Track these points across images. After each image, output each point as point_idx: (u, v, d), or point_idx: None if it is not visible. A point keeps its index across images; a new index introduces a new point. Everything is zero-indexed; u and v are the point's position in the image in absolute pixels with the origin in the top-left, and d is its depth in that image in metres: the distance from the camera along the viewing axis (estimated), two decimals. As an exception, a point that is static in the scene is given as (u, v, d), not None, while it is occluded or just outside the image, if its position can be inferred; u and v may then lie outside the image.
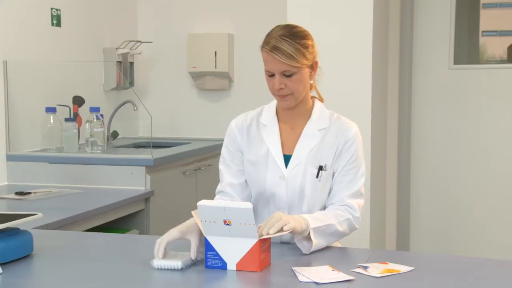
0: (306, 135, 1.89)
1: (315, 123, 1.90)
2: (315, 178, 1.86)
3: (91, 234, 2.09)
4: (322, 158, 1.87)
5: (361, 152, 1.90)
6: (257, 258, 1.56)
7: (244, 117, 1.97)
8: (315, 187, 1.86)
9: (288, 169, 1.87)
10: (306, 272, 1.54)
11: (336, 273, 1.54)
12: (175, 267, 1.57)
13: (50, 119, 3.14)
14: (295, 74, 1.81)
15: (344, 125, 1.90)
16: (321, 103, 1.96)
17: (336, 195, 1.86)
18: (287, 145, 1.90)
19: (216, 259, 1.59)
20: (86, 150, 3.13)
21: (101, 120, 3.15)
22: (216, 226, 1.57)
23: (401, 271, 1.57)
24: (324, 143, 1.88)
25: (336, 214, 1.81)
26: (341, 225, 1.81)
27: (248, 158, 1.92)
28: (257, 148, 1.91)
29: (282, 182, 1.86)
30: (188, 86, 4.13)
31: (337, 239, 1.84)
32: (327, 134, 1.89)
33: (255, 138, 1.92)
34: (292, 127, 1.92)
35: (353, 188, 1.86)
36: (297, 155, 1.88)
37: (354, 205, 1.85)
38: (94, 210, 2.50)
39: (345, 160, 1.87)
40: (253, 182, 1.90)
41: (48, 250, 1.77)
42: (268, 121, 1.93)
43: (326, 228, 1.76)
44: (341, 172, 1.87)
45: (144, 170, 2.95)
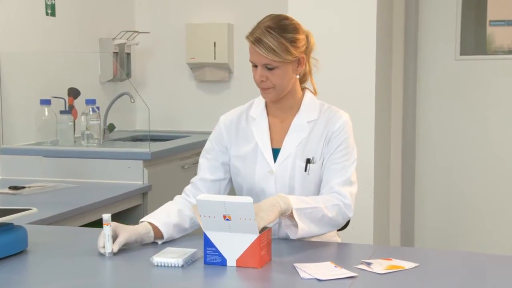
0: (294, 127, 1.89)
1: (304, 115, 1.90)
2: (303, 172, 1.86)
3: (87, 230, 2.09)
4: (310, 151, 1.87)
5: (351, 141, 1.89)
6: (257, 254, 1.56)
7: (233, 113, 1.97)
8: (304, 181, 1.86)
9: (276, 163, 1.87)
10: (307, 268, 1.55)
11: (339, 270, 1.54)
12: (176, 265, 1.57)
13: (45, 112, 3.14)
14: (277, 68, 1.81)
15: (333, 114, 1.90)
16: (311, 94, 1.95)
17: (326, 184, 1.86)
18: (276, 138, 1.90)
19: (216, 255, 1.59)
20: (82, 144, 3.13)
21: (97, 112, 3.15)
22: (216, 221, 1.57)
23: (406, 268, 1.57)
24: (313, 135, 1.88)
25: (324, 199, 1.81)
26: (329, 210, 1.80)
27: (236, 153, 1.92)
28: (246, 143, 1.92)
29: (271, 177, 1.87)
30: (187, 77, 4.12)
31: (330, 228, 1.83)
32: (316, 125, 1.89)
33: (244, 132, 1.93)
34: (281, 120, 1.92)
35: (343, 175, 1.85)
36: (285, 149, 1.88)
37: (344, 192, 1.84)
38: (90, 205, 2.50)
39: (333, 148, 1.86)
40: (242, 178, 1.90)
41: (43, 245, 1.78)
42: (257, 115, 1.93)
43: (312, 212, 1.76)
44: (329, 160, 1.86)
45: (142, 164, 2.96)
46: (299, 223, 1.72)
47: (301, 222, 1.73)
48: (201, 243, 1.62)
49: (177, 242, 1.78)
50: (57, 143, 3.14)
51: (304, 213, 1.74)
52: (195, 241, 1.78)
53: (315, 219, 1.77)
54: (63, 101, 3.27)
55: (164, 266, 1.58)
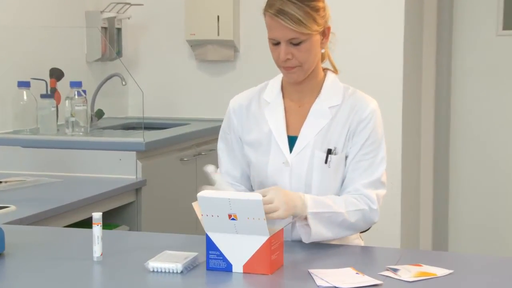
0: (314, 113, 1.90)
1: (325, 100, 1.90)
2: (323, 164, 1.86)
3: (72, 231, 2.11)
4: (332, 140, 1.87)
5: (380, 133, 1.90)
6: (267, 259, 1.57)
7: (243, 96, 1.98)
8: (323, 175, 1.86)
9: (292, 153, 1.88)
10: (325, 275, 1.55)
11: (361, 277, 1.55)
12: (174, 270, 1.58)
13: (23, 96, 3.15)
14: (304, 42, 1.81)
15: (359, 101, 1.90)
16: (335, 75, 1.96)
17: (351, 184, 1.87)
18: (292, 125, 1.91)
19: (220, 260, 1.60)
20: (66, 132, 3.15)
21: (83, 96, 3.16)
22: (220, 221, 1.58)
23: (438, 275, 1.58)
24: (335, 123, 1.89)
25: (347, 202, 1.82)
26: (352, 215, 1.81)
27: (247, 141, 1.93)
28: (258, 129, 1.92)
29: (286, 169, 1.87)
30: (186, 56, 4.12)
31: (349, 232, 1.84)
32: (339, 112, 1.90)
33: (256, 117, 1.94)
34: (299, 104, 1.93)
35: (371, 176, 1.86)
36: (303, 137, 1.88)
37: (371, 196, 1.85)
38: (76, 203, 2.51)
39: (360, 143, 1.87)
40: (254, 169, 1.91)
41: (22, 249, 1.79)
42: (271, 98, 1.94)
43: (331, 216, 1.77)
44: (355, 157, 1.87)
45: (135, 155, 2.97)
46: (312, 227, 1.73)
47: (315, 226, 1.74)
48: (203, 246, 1.62)
49: (175, 244, 1.79)
50: (38, 132, 3.15)
51: (321, 217, 1.75)
52: (196, 244, 1.79)
53: (333, 223, 1.78)
54: (44, 84, 3.28)
55: (160, 272, 1.59)
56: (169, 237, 2.00)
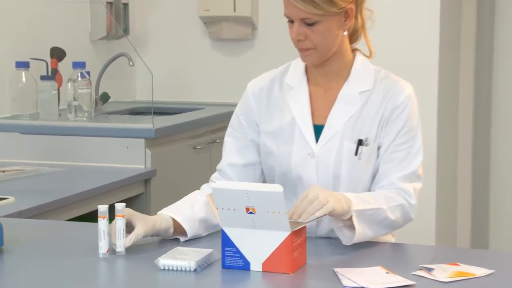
0: (343, 99, 1.89)
1: (355, 84, 1.90)
2: (353, 156, 1.86)
3: (76, 225, 2.12)
4: (363, 129, 1.87)
5: (416, 121, 1.89)
6: (289, 257, 1.58)
7: (263, 78, 1.98)
8: (353, 168, 1.86)
9: (319, 143, 1.88)
10: (352, 274, 1.56)
11: (391, 277, 1.55)
12: (187, 269, 1.59)
13: (22, 77, 3.17)
14: (318, 23, 1.81)
15: (393, 86, 1.89)
16: (364, 57, 1.95)
17: (384, 178, 1.86)
18: (318, 112, 1.91)
19: (237, 257, 1.60)
20: (69, 117, 3.16)
21: (87, 78, 3.17)
22: (236, 215, 1.59)
23: (477, 275, 1.57)
24: (367, 110, 1.88)
25: (387, 197, 1.82)
26: (392, 211, 1.81)
27: (267, 130, 1.93)
28: (280, 117, 1.92)
29: (311, 161, 1.87)
30: (199, 35, 4.13)
31: (388, 230, 1.85)
32: (370, 97, 1.89)
33: (278, 103, 1.93)
34: (325, 89, 1.92)
35: (407, 168, 1.86)
36: (330, 126, 1.88)
37: (409, 190, 1.85)
38: (80, 194, 2.53)
39: (394, 132, 1.87)
40: (275, 161, 1.91)
41: (22, 244, 1.80)
42: (294, 82, 1.93)
43: (373, 213, 1.77)
44: (389, 148, 1.87)
45: (144, 143, 2.98)
46: (357, 228, 1.73)
47: (359, 226, 1.73)
48: (218, 242, 1.63)
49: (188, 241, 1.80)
50: (38, 117, 3.17)
51: (364, 215, 1.75)
52: (211, 240, 1.80)
53: (375, 221, 1.78)
54: (44, 64, 3.29)
55: (172, 270, 1.60)
56: (181, 232, 2.01)
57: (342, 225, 1.75)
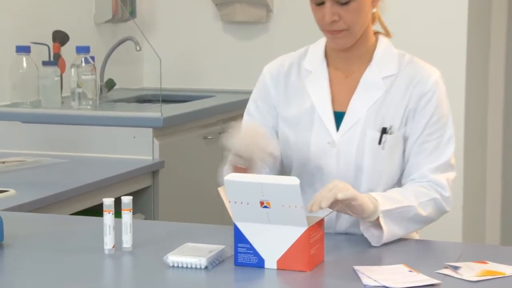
0: (365, 85, 1.89)
1: (378, 69, 1.90)
2: (376, 145, 1.86)
3: (80, 219, 2.13)
4: (387, 117, 1.87)
5: (446, 108, 1.89)
6: (305, 253, 1.58)
7: (281, 62, 1.97)
8: (377, 157, 1.86)
9: (340, 132, 1.88)
10: (372, 273, 1.56)
11: (415, 275, 1.55)
12: (197, 266, 1.60)
13: (22, 63, 3.18)
14: (352, 1, 1.81)
15: (419, 71, 1.89)
16: (388, 40, 1.95)
17: (415, 170, 1.87)
18: (339, 98, 1.91)
19: (250, 254, 1.61)
20: (72, 105, 3.17)
21: (91, 64, 3.18)
22: (250, 209, 1.59)
23: (507, 274, 1.57)
24: (391, 97, 1.88)
25: (417, 193, 1.82)
26: (424, 207, 1.81)
27: (285, 116, 1.93)
28: (298, 103, 1.92)
29: (332, 150, 1.88)
30: (211, 17, 4.12)
31: (421, 226, 1.85)
32: (394, 83, 1.89)
33: (296, 89, 1.93)
34: (346, 74, 1.92)
35: (439, 159, 1.86)
36: (352, 112, 1.88)
37: (442, 181, 1.85)
38: (84, 187, 2.54)
39: (423, 122, 1.87)
40: (292, 150, 1.91)
41: (23, 239, 1.82)
42: (313, 66, 1.93)
43: (402, 211, 1.77)
44: (419, 138, 1.87)
45: (151, 133, 2.98)
46: (385, 228, 1.73)
47: (387, 226, 1.74)
48: (231, 237, 1.63)
49: (198, 236, 1.81)
50: (39, 105, 3.18)
51: (392, 214, 1.75)
52: (222, 235, 1.80)
53: (404, 219, 1.78)
54: (46, 49, 3.30)
55: (182, 268, 1.60)
56: (191, 227, 2.02)
57: (370, 225, 1.75)
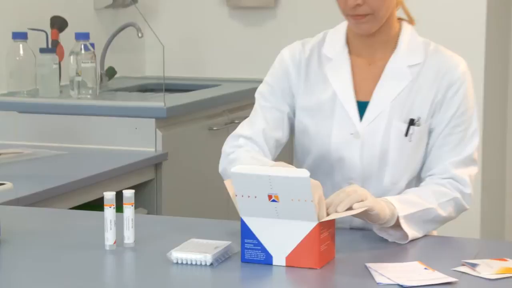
0: (390, 73, 1.89)
1: (403, 57, 1.90)
2: (403, 137, 1.86)
3: (80, 214, 2.14)
4: (414, 108, 1.87)
5: (472, 100, 1.89)
6: (315, 250, 1.58)
7: (301, 47, 1.96)
8: (403, 150, 1.86)
9: (363, 122, 1.88)
10: (385, 270, 1.56)
11: (430, 273, 1.55)
12: (202, 262, 1.60)
13: (19, 50, 3.18)
14: None
15: (447, 60, 1.89)
16: (412, 27, 1.95)
17: (437, 164, 1.87)
18: (362, 88, 1.91)
19: (257, 250, 1.61)
20: (71, 95, 3.18)
21: (91, 51, 3.18)
22: (258, 202, 1.59)
23: (526, 272, 1.57)
24: (418, 87, 1.88)
25: (436, 193, 1.82)
26: (444, 208, 1.81)
27: (304, 105, 1.93)
28: (318, 92, 1.92)
29: (355, 141, 1.88)
30: (216, 2, 4.12)
31: (439, 225, 1.85)
32: (421, 72, 1.89)
33: (316, 77, 1.93)
34: (369, 61, 1.92)
35: (462, 152, 1.86)
36: (377, 103, 1.88)
37: (463, 177, 1.85)
38: (84, 180, 2.55)
39: (449, 114, 1.87)
40: (312, 141, 1.91)
41: (20, 234, 1.82)
42: (334, 53, 1.93)
43: (422, 215, 1.77)
44: (444, 131, 1.87)
45: (154, 123, 2.99)
46: (408, 231, 1.73)
47: (409, 230, 1.74)
48: (238, 233, 1.64)
49: (203, 231, 1.81)
50: (37, 94, 3.19)
51: (412, 218, 1.75)
52: (228, 231, 1.80)
53: (424, 221, 1.78)
54: (44, 35, 3.31)
55: (186, 264, 1.60)
56: (195, 222, 2.02)
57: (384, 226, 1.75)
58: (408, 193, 1.83)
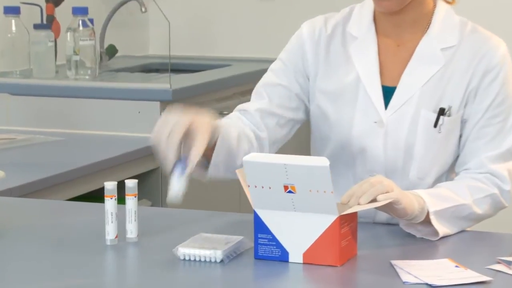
0: (421, 56, 1.88)
1: (436, 38, 1.89)
2: (432, 128, 1.86)
3: (78, 205, 2.15)
4: (445, 96, 1.86)
5: (511, 87, 1.88)
6: (336, 246, 1.58)
7: (323, 23, 1.96)
8: (431, 142, 1.86)
9: (389, 110, 1.88)
10: (413, 268, 1.56)
11: (462, 271, 1.55)
12: (212, 259, 1.60)
13: (11, 26, 3.18)
14: None
15: (484, 42, 1.88)
16: (448, 5, 1.94)
17: (472, 157, 1.86)
18: (389, 71, 1.90)
19: (272, 246, 1.61)
20: (68, 75, 3.18)
21: (90, 28, 3.19)
22: (272, 194, 1.59)
23: None
24: (450, 72, 1.87)
25: (472, 188, 1.82)
26: (479, 205, 1.81)
27: (323, 88, 1.93)
28: (340, 74, 1.92)
29: (379, 131, 1.87)
30: (227, -27, 4.12)
31: (473, 224, 1.85)
32: (455, 56, 1.88)
33: (338, 57, 1.93)
34: (398, 42, 1.92)
35: (501, 146, 1.85)
36: (404, 88, 1.87)
37: (502, 173, 1.84)
38: (82, 169, 2.55)
39: (486, 103, 1.86)
40: (332, 129, 1.91)
41: (13, 227, 1.83)
42: (360, 32, 1.93)
43: (454, 211, 1.77)
44: (479, 122, 1.86)
45: (158, 107, 2.99)
46: (440, 229, 1.73)
47: (441, 226, 1.74)
48: (250, 227, 1.64)
49: (213, 225, 1.81)
50: (31, 74, 3.20)
51: (444, 214, 1.75)
52: (240, 224, 1.81)
53: (457, 219, 1.78)
54: (38, 10, 3.31)
55: (194, 261, 1.61)
56: (204, 215, 2.02)
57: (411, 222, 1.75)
58: (441, 186, 1.82)
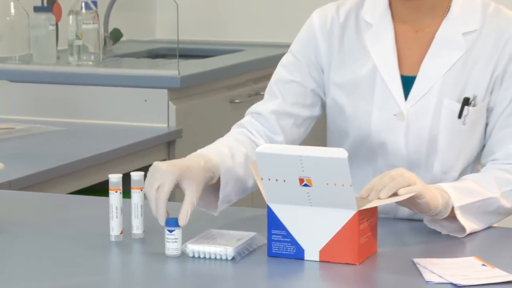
0: (441, 42, 1.88)
1: (457, 22, 1.88)
2: (456, 119, 1.85)
3: (81, 199, 2.15)
4: (470, 85, 1.86)
5: None
6: (354, 243, 1.58)
7: (335, 10, 1.95)
8: (456, 134, 1.86)
9: (409, 101, 1.87)
10: (436, 267, 1.55)
11: (489, 270, 1.55)
12: (223, 257, 1.60)
13: (10, 8, 3.19)
14: None
15: (510, 25, 1.87)
16: None
17: (499, 147, 1.86)
18: (408, 60, 1.90)
19: (287, 243, 1.61)
20: (70, 61, 3.18)
21: (93, 10, 3.19)
22: (287, 187, 1.59)
23: None
24: (474, 58, 1.87)
25: (500, 180, 1.81)
26: (508, 198, 1.80)
27: (338, 80, 1.92)
28: (355, 64, 1.91)
29: (399, 124, 1.87)
30: (239, -47, 4.12)
31: (502, 218, 1.84)
32: (478, 41, 1.87)
33: (353, 46, 1.92)
34: (416, 28, 1.91)
35: None
36: (425, 77, 1.87)
37: None
38: (85, 161, 2.56)
39: None
40: (349, 123, 1.91)
41: (12, 222, 1.83)
42: (375, 18, 1.92)
43: (482, 205, 1.77)
44: (506, 109, 1.86)
45: (166, 95, 2.99)
46: (466, 224, 1.73)
47: (467, 222, 1.73)
48: (263, 223, 1.64)
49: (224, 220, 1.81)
50: (31, 60, 3.20)
51: (470, 209, 1.75)
52: (253, 220, 1.82)
53: (484, 213, 1.78)
54: (39, -8, 3.32)
55: (204, 259, 1.61)
56: (215, 210, 2.02)
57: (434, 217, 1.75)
58: (466, 179, 1.82)
